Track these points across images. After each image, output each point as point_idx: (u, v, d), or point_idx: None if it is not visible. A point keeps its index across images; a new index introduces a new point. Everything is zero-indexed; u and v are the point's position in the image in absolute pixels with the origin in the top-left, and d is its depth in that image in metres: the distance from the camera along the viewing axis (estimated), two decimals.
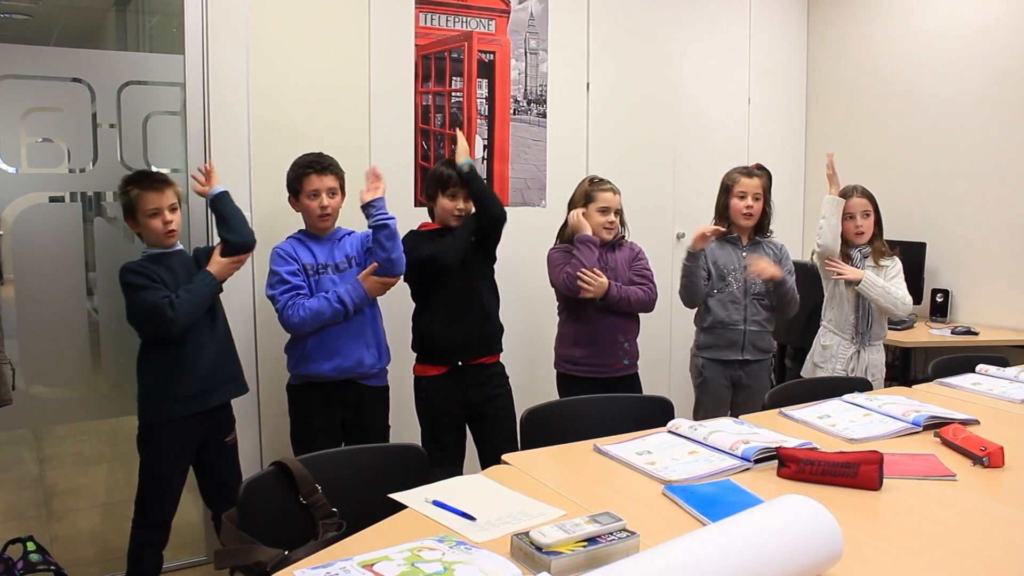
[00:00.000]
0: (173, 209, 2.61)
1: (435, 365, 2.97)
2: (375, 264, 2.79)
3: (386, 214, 2.79)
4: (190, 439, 2.65)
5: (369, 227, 2.81)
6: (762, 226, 3.29)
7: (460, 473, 2.53)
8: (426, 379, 2.98)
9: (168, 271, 2.59)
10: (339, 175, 2.87)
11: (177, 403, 2.59)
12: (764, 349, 3.27)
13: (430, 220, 3.08)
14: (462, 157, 2.97)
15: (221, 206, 2.74)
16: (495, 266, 3.11)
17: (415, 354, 3.05)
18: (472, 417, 3.02)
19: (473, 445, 3.09)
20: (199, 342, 2.62)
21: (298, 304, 2.74)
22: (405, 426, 3.13)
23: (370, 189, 2.81)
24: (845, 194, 3.27)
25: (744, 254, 3.23)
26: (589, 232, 3.01)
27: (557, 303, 3.19)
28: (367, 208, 2.80)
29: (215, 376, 2.67)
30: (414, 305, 3.05)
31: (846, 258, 3.26)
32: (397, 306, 3.13)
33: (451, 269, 2.90)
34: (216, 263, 2.67)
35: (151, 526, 2.63)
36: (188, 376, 2.59)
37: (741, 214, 3.22)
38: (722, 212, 3.29)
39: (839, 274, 3.22)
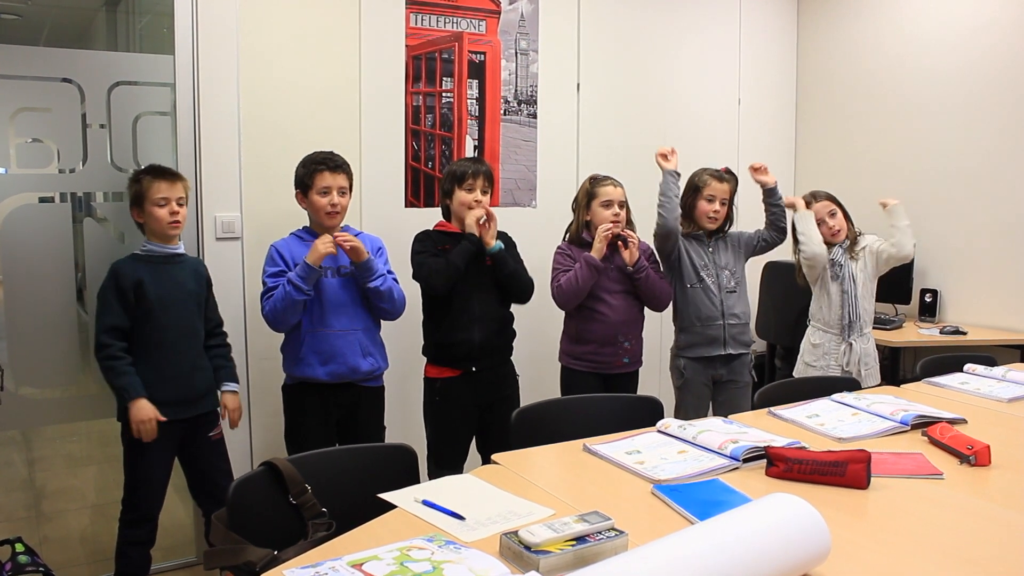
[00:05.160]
0: (181, 203, 2.61)
1: (450, 368, 2.97)
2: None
3: (383, 278, 2.80)
4: (171, 435, 2.63)
5: (367, 286, 2.78)
6: (723, 230, 3.32)
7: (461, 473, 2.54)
8: (441, 381, 2.97)
9: (157, 279, 2.58)
10: (350, 175, 2.87)
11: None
12: (745, 343, 3.29)
13: (444, 220, 3.05)
14: (492, 240, 2.93)
15: None
16: None
17: (425, 357, 3.05)
18: (481, 416, 3.02)
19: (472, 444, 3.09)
20: (177, 351, 2.61)
21: (268, 302, 2.73)
22: (400, 426, 3.13)
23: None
24: (807, 203, 3.32)
25: (711, 250, 3.26)
26: (599, 255, 3.02)
27: None
28: (362, 266, 2.76)
29: (191, 387, 2.65)
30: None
31: (831, 262, 3.27)
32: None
33: (439, 290, 2.89)
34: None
35: (135, 522, 2.62)
36: (162, 384, 2.57)
37: (707, 217, 3.24)
38: (687, 212, 3.30)
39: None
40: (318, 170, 2.78)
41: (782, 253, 3.46)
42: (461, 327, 2.93)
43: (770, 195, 3.31)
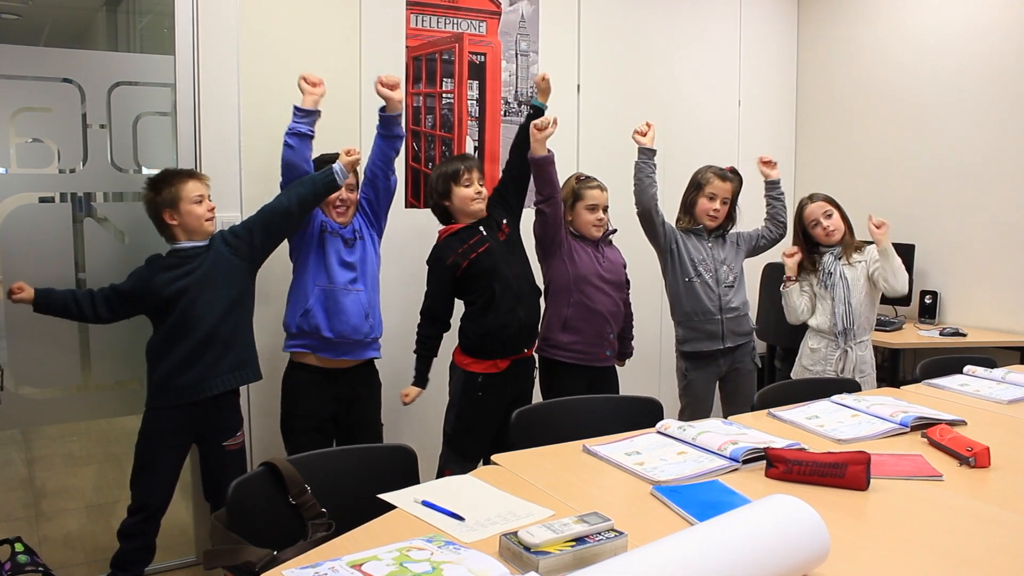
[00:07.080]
0: (210, 198, 2.70)
1: (494, 359, 2.95)
2: None
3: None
4: (182, 430, 2.63)
5: (395, 135, 2.89)
6: (724, 228, 3.32)
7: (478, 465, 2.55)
8: (484, 376, 2.95)
9: (184, 269, 2.62)
10: (358, 173, 2.93)
11: (165, 392, 2.60)
12: (744, 333, 3.30)
13: (443, 224, 3.05)
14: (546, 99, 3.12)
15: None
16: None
17: (462, 349, 3.03)
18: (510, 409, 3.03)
19: None
20: (199, 337, 2.61)
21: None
22: (400, 425, 3.13)
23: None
24: (802, 204, 3.34)
25: (710, 245, 3.27)
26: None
27: (544, 284, 3.19)
28: (395, 119, 2.87)
29: (211, 366, 2.63)
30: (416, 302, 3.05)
31: (812, 264, 3.28)
32: (402, 305, 3.14)
33: (497, 264, 2.92)
34: None
35: (131, 510, 2.62)
36: (176, 366, 2.59)
37: (707, 215, 3.25)
38: (688, 208, 3.31)
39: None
40: None
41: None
42: (506, 310, 2.92)
43: (772, 187, 3.37)
